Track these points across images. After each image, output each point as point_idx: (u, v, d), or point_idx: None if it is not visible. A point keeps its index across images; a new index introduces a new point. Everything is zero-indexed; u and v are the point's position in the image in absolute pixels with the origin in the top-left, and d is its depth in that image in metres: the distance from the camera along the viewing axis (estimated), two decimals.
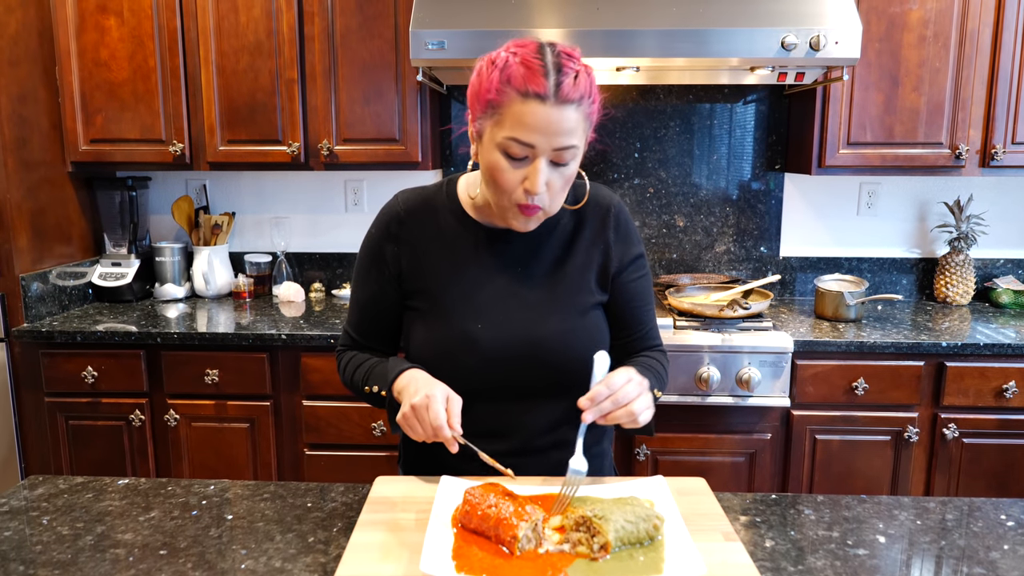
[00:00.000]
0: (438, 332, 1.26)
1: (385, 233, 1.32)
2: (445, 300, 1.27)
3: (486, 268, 1.28)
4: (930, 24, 2.38)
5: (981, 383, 2.24)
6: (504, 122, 1.11)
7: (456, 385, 1.20)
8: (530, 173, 1.12)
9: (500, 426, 1.27)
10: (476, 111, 1.16)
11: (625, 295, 1.32)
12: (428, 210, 1.31)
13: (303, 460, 2.36)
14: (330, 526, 1.12)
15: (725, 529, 1.06)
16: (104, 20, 2.47)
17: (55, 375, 2.34)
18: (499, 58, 1.13)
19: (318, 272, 2.95)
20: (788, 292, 2.88)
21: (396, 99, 2.47)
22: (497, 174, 1.14)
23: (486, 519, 0.99)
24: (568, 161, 1.14)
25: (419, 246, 1.29)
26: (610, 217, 1.30)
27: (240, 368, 2.32)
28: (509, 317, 1.25)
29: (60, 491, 1.23)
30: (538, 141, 1.10)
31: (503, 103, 1.10)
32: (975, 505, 1.19)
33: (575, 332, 1.25)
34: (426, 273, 1.29)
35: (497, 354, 1.23)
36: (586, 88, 1.12)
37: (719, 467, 2.28)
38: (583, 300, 1.28)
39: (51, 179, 2.53)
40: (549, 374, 1.25)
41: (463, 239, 1.29)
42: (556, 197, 1.17)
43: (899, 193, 2.83)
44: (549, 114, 1.08)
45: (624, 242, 1.31)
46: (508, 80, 1.10)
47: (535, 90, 1.08)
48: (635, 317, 1.33)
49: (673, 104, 2.75)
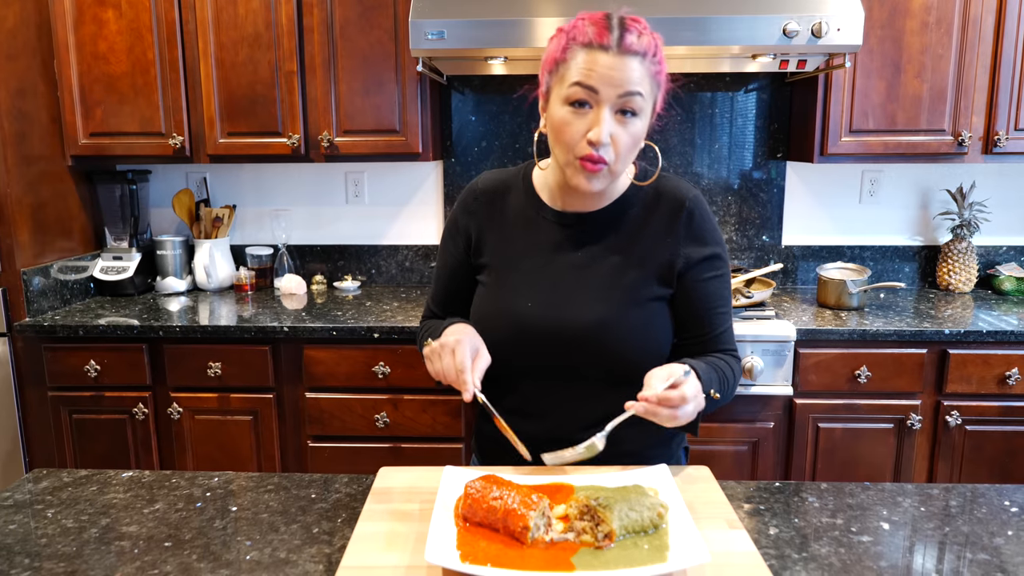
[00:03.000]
0: (491, 307, 1.29)
1: (462, 208, 1.38)
2: (503, 276, 1.30)
3: (547, 249, 1.30)
4: (932, 10, 2.36)
5: (984, 370, 2.24)
6: (568, 74, 1.15)
7: (503, 359, 1.23)
8: (593, 122, 1.15)
9: (542, 409, 1.28)
10: (544, 76, 1.21)
11: (693, 295, 1.28)
12: (503, 189, 1.36)
13: (306, 452, 2.37)
14: (334, 517, 1.12)
15: (729, 517, 1.06)
16: (102, 13, 2.46)
17: (58, 369, 2.35)
18: (568, 25, 1.18)
19: (319, 264, 2.95)
20: (790, 281, 2.88)
21: (396, 90, 2.46)
22: (563, 128, 1.17)
23: (493, 511, 0.99)
24: (633, 112, 1.15)
25: (490, 222, 1.34)
26: (683, 212, 1.28)
27: (243, 361, 2.32)
28: (561, 299, 1.26)
29: (64, 484, 1.23)
30: (601, 86, 1.13)
31: (568, 59, 1.16)
32: (979, 491, 1.19)
33: (627, 322, 1.24)
34: (492, 249, 1.33)
35: (544, 334, 1.24)
36: (650, 46, 1.15)
37: (722, 456, 2.28)
38: (641, 292, 1.26)
39: (51, 173, 2.53)
40: (597, 362, 1.24)
41: (530, 219, 1.32)
42: (622, 155, 1.18)
43: (901, 181, 2.82)
44: (612, 62, 1.12)
45: (695, 239, 1.28)
46: (574, 38, 1.16)
47: (598, 42, 1.13)
48: (702, 319, 1.29)
49: (674, 93, 2.73)
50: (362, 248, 2.93)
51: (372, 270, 2.94)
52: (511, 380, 1.26)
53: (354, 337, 2.28)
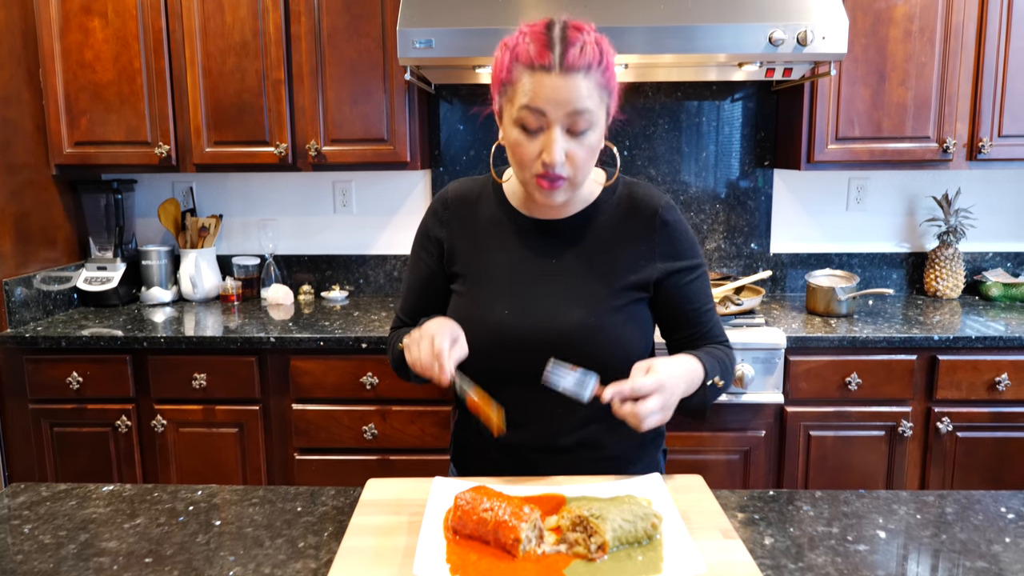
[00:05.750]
0: (468, 315, 1.27)
1: (433, 216, 1.36)
2: (477, 283, 1.29)
3: (520, 256, 1.28)
4: (915, 19, 2.38)
5: (974, 376, 2.24)
6: (516, 97, 1.13)
7: (482, 368, 1.21)
8: (546, 143, 1.13)
9: (524, 417, 1.27)
10: (495, 93, 1.20)
11: (675, 299, 1.29)
12: (474, 197, 1.34)
13: (293, 465, 2.33)
14: (321, 531, 1.10)
15: (724, 527, 1.04)
16: (88, 21, 2.44)
17: (39, 381, 2.30)
18: (511, 39, 1.16)
19: (307, 274, 2.92)
20: (779, 288, 2.88)
21: (384, 99, 2.45)
22: (517, 148, 1.16)
23: (483, 523, 0.97)
24: (584, 129, 1.14)
25: (462, 230, 1.32)
26: (656, 219, 1.27)
27: (228, 372, 2.29)
28: (535, 305, 1.25)
29: (42, 499, 1.20)
30: (548, 108, 1.11)
31: (513, 80, 1.13)
32: (974, 498, 1.18)
33: (605, 326, 1.23)
34: (465, 257, 1.31)
35: (520, 341, 1.23)
36: (594, 56, 1.12)
37: (713, 465, 2.27)
38: (617, 296, 1.25)
39: (35, 182, 2.49)
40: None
41: (502, 226, 1.31)
42: (580, 168, 1.16)
43: (888, 188, 2.83)
44: (556, 83, 1.10)
45: (672, 249, 1.27)
46: (516, 57, 1.13)
47: (540, 62, 1.10)
48: (688, 319, 1.30)
49: (661, 102, 2.74)
50: (350, 258, 2.91)
51: (360, 280, 2.92)
52: (489, 388, 1.24)
53: (341, 347, 2.26)
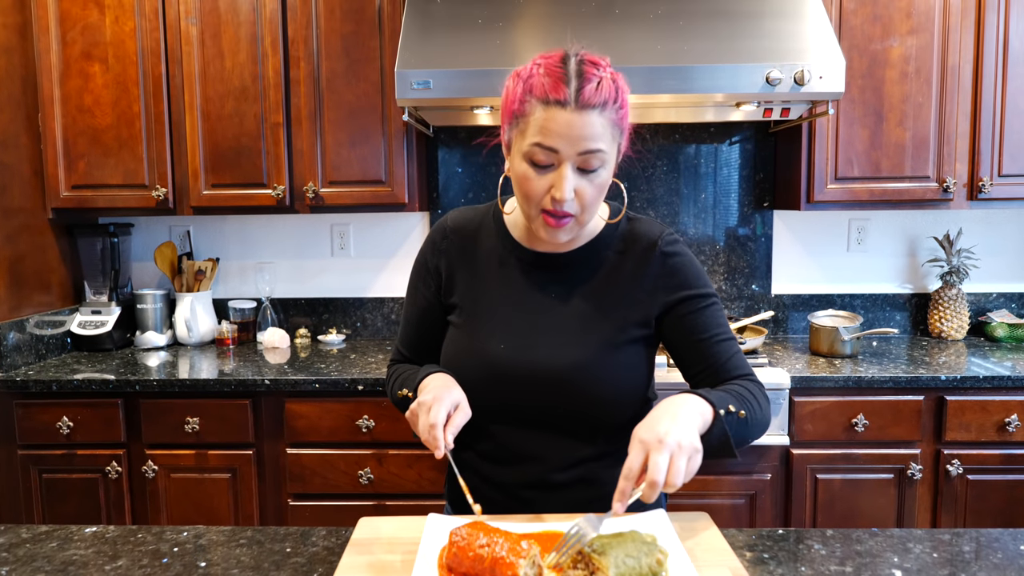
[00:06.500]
0: (463, 349, 1.24)
1: (431, 247, 1.33)
2: (474, 317, 1.25)
3: (520, 290, 1.25)
4: (911, 60, 2.41)
5: (983, 417, 2.19)
6: (528, 130, 1.10)
7: (476, 403, 1.18)
8: (556, 180, 1.10)
9: (519, 454, 1.22)
10: (504, 123, 1.17)
11: (682, 330, 1.22)
12: (474, 227, 1.31)
13: (287, 511, 2.27)
14: (310, 572, 1.04)
15: (732, 564, 0.99)
16: (89, 67, 2.46)
17: (29, 426, 2.25)
18: (524, 70, 1.14)
19: (304, 318, 2.89)
20: (781, 330, 2.85)
21: (382, 141, 2.46)
22: (525, 183, 1.13)
23: (479, 560, 0.92)
24: (596, 167, 1.11)
25: (461, 261, 1.29)
26: (655, 251, 1.23)
27: (222, 415, 2.24)
28: (533, 342, 1.21)
29: (22, 540, 1.15)
30: (561, 146, 1.08)
31: (526, 112, 1.11)
32: (992, 536, 1.13)
33: (602, 365, 1.19)
34: (463, 288, 1.28)
35: (516, 378, 1.19)
36: (610, 94, 1.09)
37: (718, 509, 2.20)
38: (616, 334, 1.21)
39: (31, 226, 2.49)
40: (572, 405, 1.19)
41: (502, 259, 1.27)
42: (588, 207, 1.14)
43: (888, 228, 2.83)
44: (571, 119, 1.07)
45: (672, 280, 1.22)
46: (530, 90, 1.10)
47: (555, 97, 1.07)
48: (699, 351, 1.21)
49: (660, 144, 2.76)
50: (347, 301, 2.88)
51: (357, 323, 2.89)
52: (484, 424, 1.21)
53: (338, 390, 2.21)
